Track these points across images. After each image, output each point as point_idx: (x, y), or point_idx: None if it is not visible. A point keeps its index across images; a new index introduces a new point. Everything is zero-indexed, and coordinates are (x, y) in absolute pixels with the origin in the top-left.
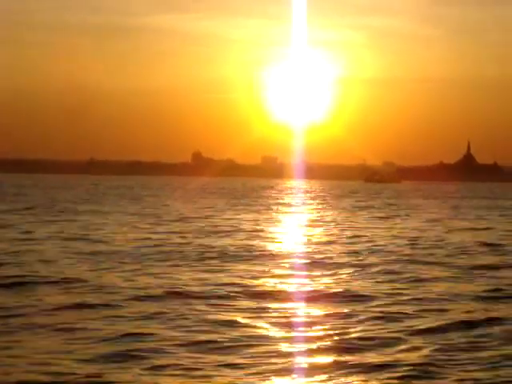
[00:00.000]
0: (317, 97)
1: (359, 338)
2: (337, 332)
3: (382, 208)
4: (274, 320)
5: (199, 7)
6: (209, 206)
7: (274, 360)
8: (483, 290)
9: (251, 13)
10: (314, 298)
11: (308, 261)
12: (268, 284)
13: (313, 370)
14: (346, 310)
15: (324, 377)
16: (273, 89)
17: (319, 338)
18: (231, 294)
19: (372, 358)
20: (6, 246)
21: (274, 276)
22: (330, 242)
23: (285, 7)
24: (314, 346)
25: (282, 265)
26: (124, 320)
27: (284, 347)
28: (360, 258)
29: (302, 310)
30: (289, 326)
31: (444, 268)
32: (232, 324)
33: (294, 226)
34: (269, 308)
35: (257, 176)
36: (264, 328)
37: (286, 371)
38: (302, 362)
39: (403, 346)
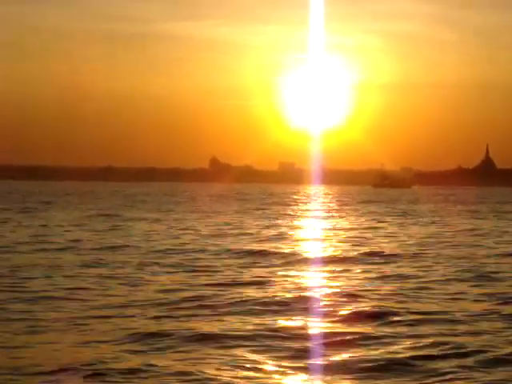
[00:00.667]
0: (334, 102)
1: None
2: None
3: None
4: None
5: (217, 14)
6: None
7: None
8: None
9: (269, 19)
10: None
11: None
12: None
13: None
14: None
15: None
16: (290, 94)
17: None
18: None
19: None
20: None
21: None
22: None
23: (302, 13)
24: None
25: None
26: None
27: None
28: None
29: None
30: None
31: None
32: None
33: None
34: None
35: (274, 182)
36: None
37: None
38: None
39: None
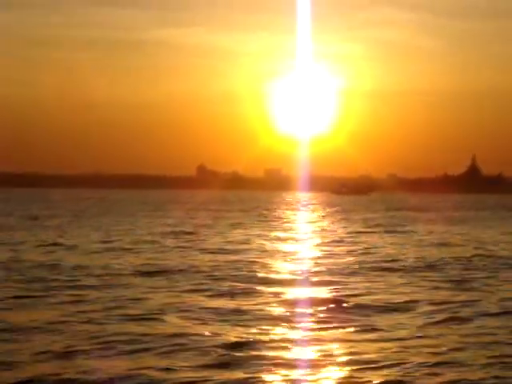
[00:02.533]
0: (321, 109)
1: None
2: None
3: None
4: None
5: (205, 21)
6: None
7: None
8: None
9: (257, 27)
10: None
11: None
12: None
13: None
14: None
15: None
16: (278, 101)
17: None
18: None
19: None
20: None
21: None
22: None
23: (290, 21)
24: None
25: None
26: None
27: None
28: None
29: None
30: None
31: None
32: None
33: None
34: None
35: (260, 189)
36: None
37: None
38: None
39: None
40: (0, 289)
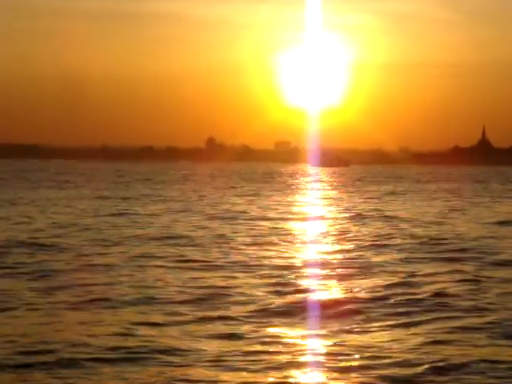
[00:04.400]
0: (331, 81)
1: None
2: None
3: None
4: None
5: None
6: None
7: None
8: None
9: None
10: None
11: None
12: None
13: None
14: None
15: None
16: (287, 73)
17: None
18: None
19: None
20: None
21: None
22: None
23: None
24: None
25: None
26: None
27: None
28: None
29: None
30: None
31: None
32: None
33: None
34: None
35: (270, 161)
36: None
37: None
38: None
39: None
40: None
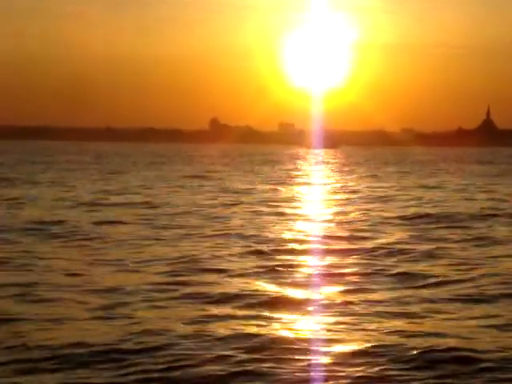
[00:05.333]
0: (335, 62)
1: None
2: None
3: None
4: None
5: None
6: None
7: None
8: None
9: None
10: None
11: None
12: None
13: None
14: None
15: None
16: (291, 54)
17: None
18: None
19: None
20: None
21: None
22: None
23: None
24: None
25: None
26: None
27: None
28: None
29: None
30: None
31: None
32: None
33: None
34: None
35: (274, 143)
36: None
37: None
38: None
39: None
40: None
